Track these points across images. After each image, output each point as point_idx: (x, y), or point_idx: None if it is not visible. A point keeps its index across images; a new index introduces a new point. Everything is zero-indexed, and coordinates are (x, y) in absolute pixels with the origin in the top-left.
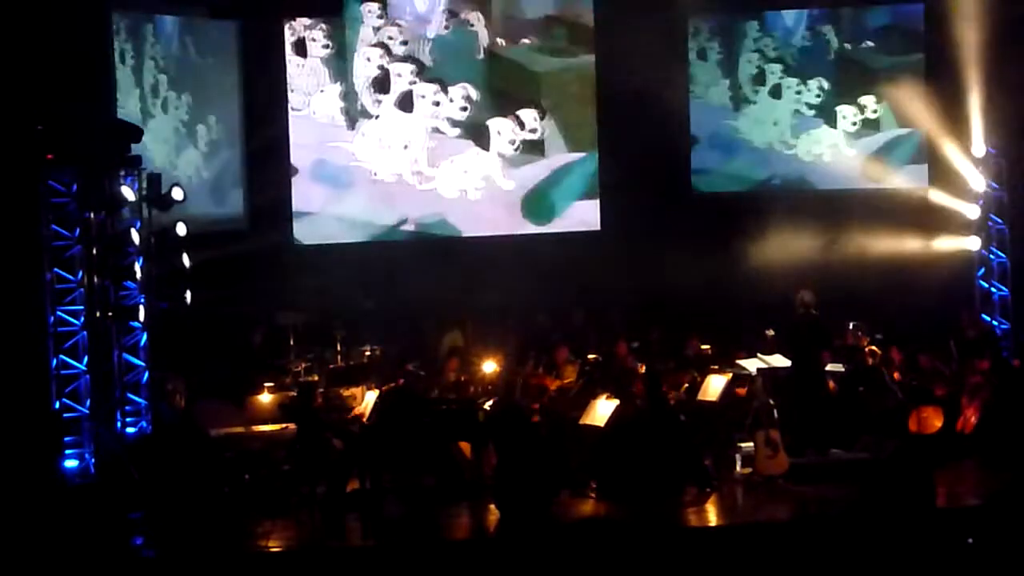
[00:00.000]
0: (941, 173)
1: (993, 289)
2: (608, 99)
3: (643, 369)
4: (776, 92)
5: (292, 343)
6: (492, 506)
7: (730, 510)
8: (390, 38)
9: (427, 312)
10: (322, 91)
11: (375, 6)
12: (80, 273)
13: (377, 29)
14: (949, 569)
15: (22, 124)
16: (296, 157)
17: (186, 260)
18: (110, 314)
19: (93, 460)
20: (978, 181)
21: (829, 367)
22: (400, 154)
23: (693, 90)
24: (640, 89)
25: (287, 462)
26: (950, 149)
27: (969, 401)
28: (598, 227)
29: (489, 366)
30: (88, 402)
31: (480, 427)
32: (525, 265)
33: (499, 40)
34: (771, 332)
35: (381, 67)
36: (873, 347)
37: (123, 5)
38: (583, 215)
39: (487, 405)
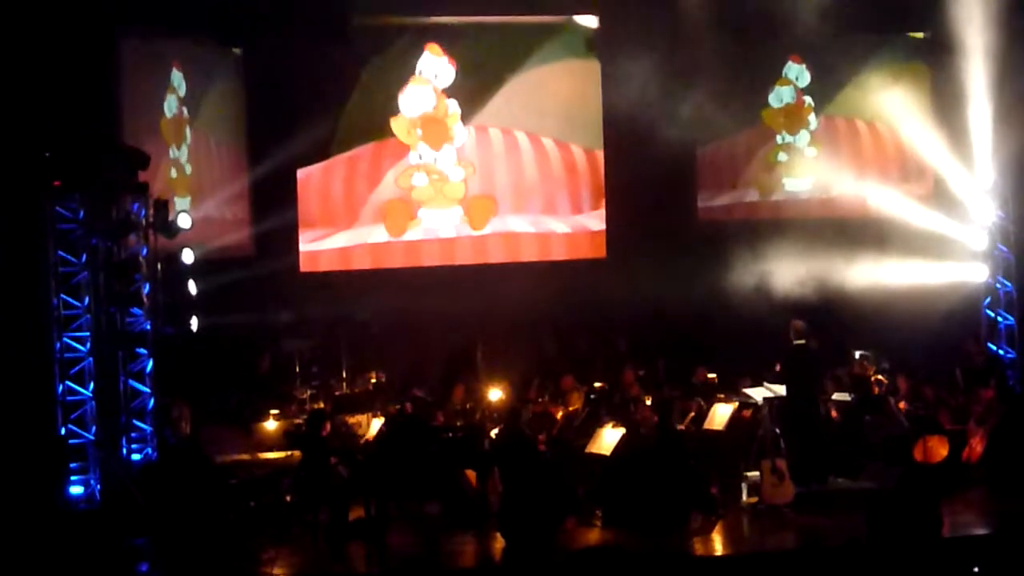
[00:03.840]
0: (948, 202)
1: (999, 318)
2: (612, 125)
3: (650, 400)
4: None
5: (298, 370)
6: (497, 534)
7: (736, 539)
8: None
9: (434, 338)
10: None
11: None
12: (87, 299)
13: None
14: None
15: (29, 150)
16: None
17: (192, 287)
18: (116, 340)
19: (99, 486)
20: (985, 210)
21: (835, 396)
22: None
23: None
24: (646, 116)
25: (292, 489)
26: (957, 178)
27: (975, 430)
28: (604, 254)
29: (495, 393)
30: (94, 428)
31: (485, 455)
32: (532, 292)
33: None
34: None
35: None
36: (879, 376)
37: (131, 32)
38: (588, 242)
39: (493, 432)
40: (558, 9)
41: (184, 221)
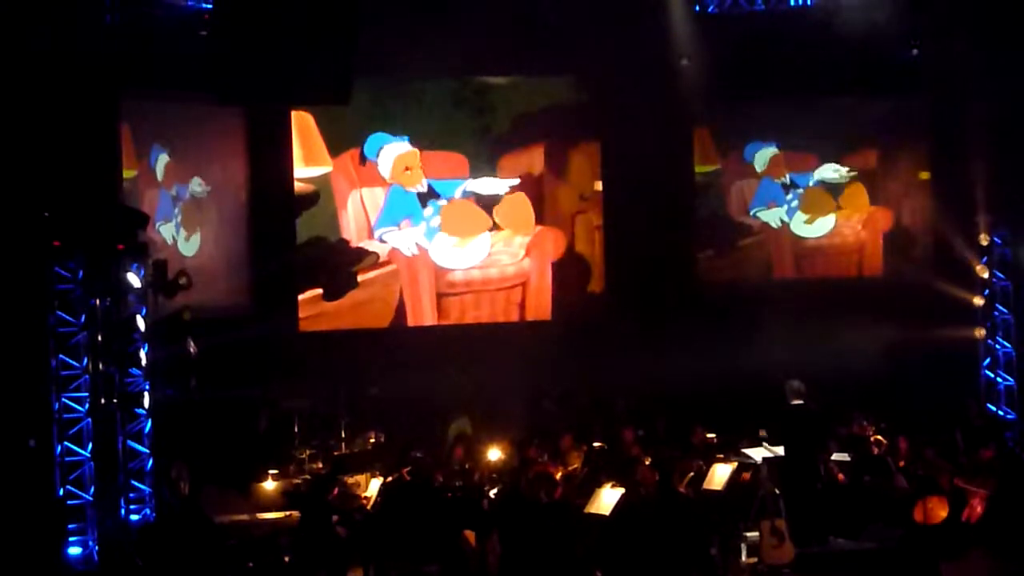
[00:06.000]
0: (947, 263)
1: (999, 379)
2: (612, 191)
3: (649, 460)
4: None
5: (297, 429)
6: None
7: None
8: None
9: (433, 399)
10: None
11: None
12: (85, 360)
13: None
14: None
15: (29, 211)
16: None
17: (191, 346)
18: (115, 401)
19: (97, 547)
20: (984, 271)
21: (835, 456)
22: None
23: None
24: (644, 181)
25: (291, 550)
26: (956, 239)
27: (975, 491)
28: (603, 315)
29: (494, 453)
30: (92, 489)
31: (485, 515)
32: (531, 352)
33: None
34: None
35: None
36: (879, 436)
37: (132, 92)
38: (587, 303)
39: (492, 493)
40: (551, 67)
41: (183, 281)
